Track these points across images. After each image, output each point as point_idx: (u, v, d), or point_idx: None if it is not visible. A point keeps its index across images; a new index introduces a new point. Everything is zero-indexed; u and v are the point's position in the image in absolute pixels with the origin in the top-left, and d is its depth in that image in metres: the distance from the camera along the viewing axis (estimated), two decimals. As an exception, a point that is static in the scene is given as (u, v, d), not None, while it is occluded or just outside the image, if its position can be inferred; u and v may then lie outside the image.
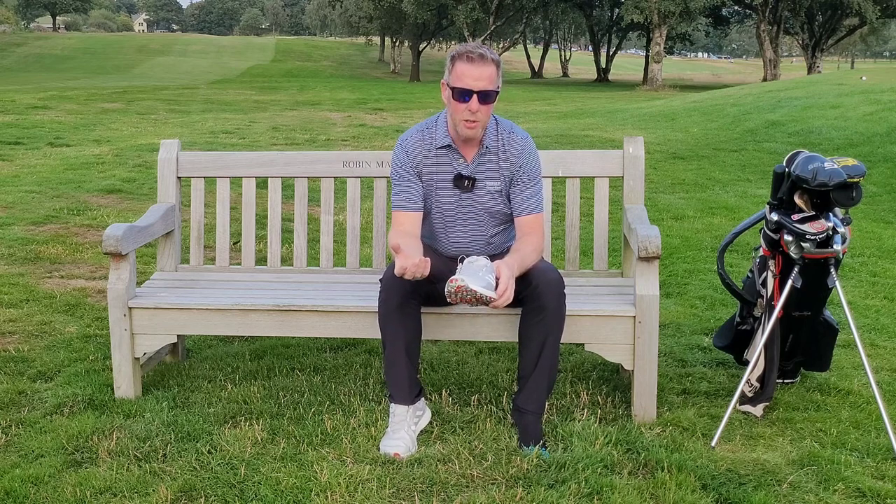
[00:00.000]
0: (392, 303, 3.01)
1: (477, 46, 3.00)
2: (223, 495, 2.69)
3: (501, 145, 3.14)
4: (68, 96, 21.71)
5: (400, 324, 3.02)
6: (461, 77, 2.96)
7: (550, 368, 3.05)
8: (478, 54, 2.96)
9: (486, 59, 2.96)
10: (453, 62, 3.00)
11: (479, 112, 2.99)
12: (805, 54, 44.84)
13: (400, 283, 2.98)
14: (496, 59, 3.01)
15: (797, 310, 3.31)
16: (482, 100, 2.97)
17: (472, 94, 2.95)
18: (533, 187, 3.16)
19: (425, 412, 3.18)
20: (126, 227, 3.41)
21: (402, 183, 3.14)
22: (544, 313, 3.00)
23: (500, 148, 3.14)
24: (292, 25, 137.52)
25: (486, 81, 2.95)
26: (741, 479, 2.80)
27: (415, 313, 3.07)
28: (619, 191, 3.88)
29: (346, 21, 63.72)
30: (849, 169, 3.01)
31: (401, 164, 3.15)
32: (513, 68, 69.47)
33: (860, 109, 13.30)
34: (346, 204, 3.90)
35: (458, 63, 2.97)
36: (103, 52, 64.55)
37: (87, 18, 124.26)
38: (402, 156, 3.15)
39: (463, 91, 2.96)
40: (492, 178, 3.15)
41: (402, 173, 3.14)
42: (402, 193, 3.13)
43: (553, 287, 3.01)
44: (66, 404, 3.37)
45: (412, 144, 3.15)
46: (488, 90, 2.97)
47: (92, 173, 9.21)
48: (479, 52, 2.97)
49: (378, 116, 18.05)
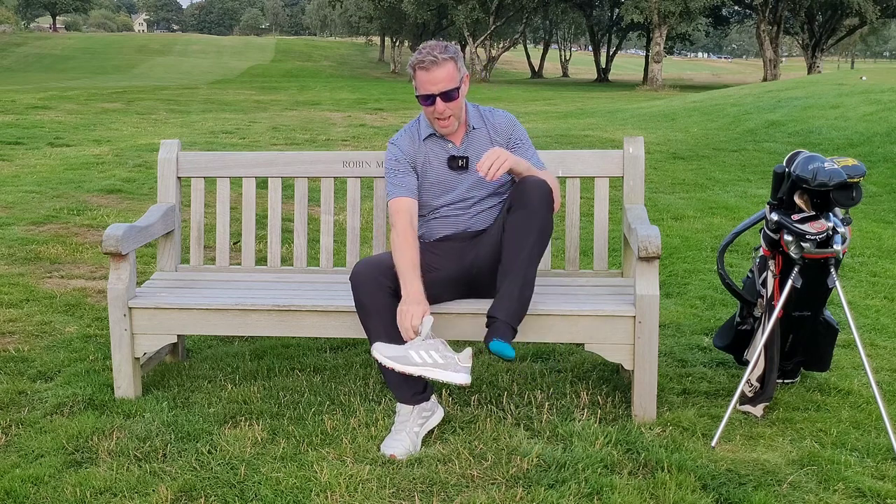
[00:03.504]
0: (362, 300, 3.05)
1: (430, 51, 3.07)
2: (223, 495, 2.69)
3: (487, 122, 3.28)
4: (68, 96, 21.70)
5: (377, 317, 3.03)
6: (421, 85, 3.09)
7: (525, 278, 2.99)
8: (430, 60, 3.03)
9: (439, 62, 3.04)
10: (413, 71, 3.09)
11: (446, 110, 3.11)
12: (805, 54, 44.83)
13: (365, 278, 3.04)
14: (451, 54, 3.08)
15: (797, 310, 3.32)
16: (445, 99, 3.09)
17: (434, 97, 3.08)
18: (530, 149, 3.29)
19: (435, 412, 3.15)
20: (126, 227, 3.41)
21: (398, 174, 3.22)
22: (525, 211, 3.01)
23: (487, 125, 3.27)
24: (292, 25, 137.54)
25: (444, 83, 3.06)
26: (741, 479, 2.80)
27: (388, 305, 3.03)
28: (619, 191, 3.89)
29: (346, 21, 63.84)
30: (849, 169, 3.01)
31: (395, 159, 3.24)
32: (513, 68, 69.50)
33: (860, 109, 13.30)
34: (346, 204, 3.90)
35: (416, 72, 3.08)
36: (103, 52, 64.54)
37: (87, 18, 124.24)
38: (396, 151, 3.26)
39: (426, 97, 3.10)
40: (484, 150, 3.19)
41: (397, 166, 3.23)
42: (398, 182, 3.21)
43: (538, 188, 3.04)
44: (66, 404, 3.37)
45: (402, 141, 3.27)
46: (448, 90, 3.07)
47: (92, 173, 9.21)
48: (431, 57, 3.04)
49: (378, 116, 18.05)
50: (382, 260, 3.12)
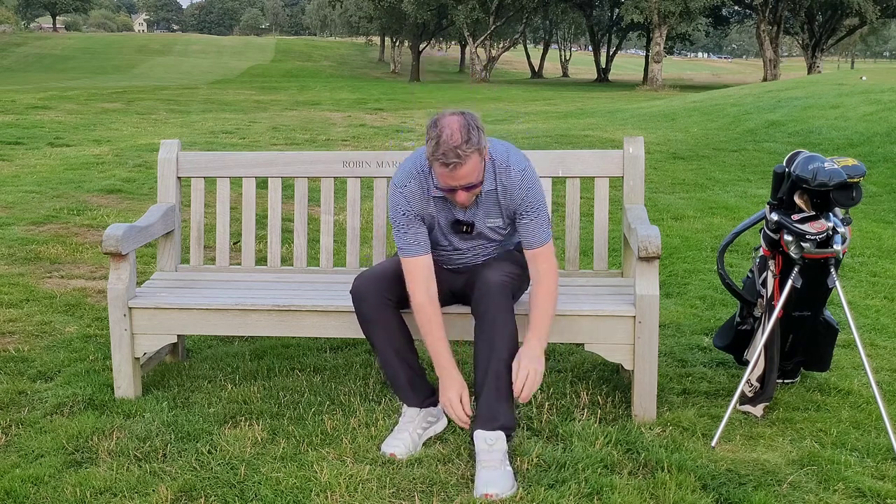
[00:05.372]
0: (366, 313, 3.04)
1: (453, 147, 2.74)
2: (223, 495, 2.69)
3: (500, 183, 2.99)
4: (68, 96, 21.70)
5: (382, 331, 3.04)
6: (441, 177, 2.83)
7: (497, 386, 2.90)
8: (453, 162, 2.74)
9: (462, 161, 2.75)
10: (432, 159, 2.80)
11: (468, 199, 2.91)
12: (805, 54, 44.83)
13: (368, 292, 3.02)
14: (475, 146, 2.77)
15: (797, 310, 3.32)
16: (468, 189, 2.87)
17: (457, 188, 2.86)
18: (538, 218, 3.01)
19: (440, 419, 3.16)
20: (126, 227, 3.41)
21: (409, 230, 2.99)
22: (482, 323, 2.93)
23: (499, 186, 2.99)
24: (292, 25, 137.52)
25: (467, 178, 2.81)
26: (741, 479, 2.80)
27: (392, 317, 3.05)
28: (619, 191, 3.89)
29: (346, 21, 63.82)
30: (849, 169, 3.01)
31: (403, 212, 2.99)
32: (513, 68, 69.50)
33: (860, 109, 13.30)
34: (346, 204, 3.90)
35: (435, 164, 2.81)
36: (103, 52, 64.56)
37: (87, 18, 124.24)
38: (403, 203, 2.99)
39: (447, 187, 2.87)
40: (491, 216, 3.05)
41: (406, 220, 2.99)
42: (410, 239, 2.99)
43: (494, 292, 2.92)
44: (66, 404, 3.37)
45: (412, 192, 2.99)
46: (471, 183, 2.85)
47: (92, 173, 9.21)
48: (455, 158, 2.74)
49: (378, 116, 18.05)
50: (382, 272, 3.09)
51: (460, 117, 2.79)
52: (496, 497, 2.63)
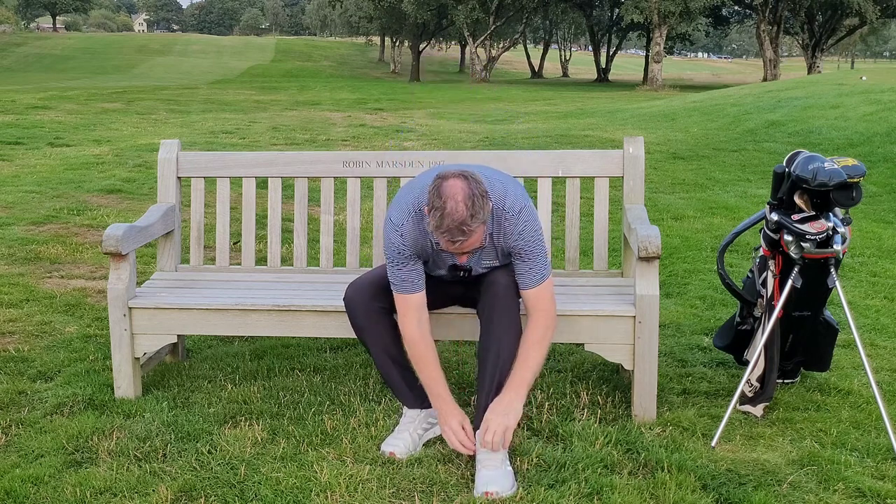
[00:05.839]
0: (359, 323, 3.05)
1: (457, 224, 2.63)
2: (223, 495, 2.69)
3: (496, 225, 2.89)
4: (68, 96, 21.70)
5: (376, 337, 3.04)
6: (445, 245, 2.73)
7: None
8: (459, 239, 2.66)
9: (467, 236, 2.66)
10: (436, 232, 2.69)
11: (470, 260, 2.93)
12: (805, 54, 44.83)
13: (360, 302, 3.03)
14: (481, 219, 2.67)
15: (797, 310, 3.32)
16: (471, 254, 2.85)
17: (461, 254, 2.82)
18: (534, 259, 2.90)
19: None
20: (126, 227, 3.41)
21: (403, 267, 2.91)
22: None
23: (495, 229, 2.90)
24: (292, 25, 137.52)
25: (471, 247, 2.75)
26: (741, 479, 2.80)
27: (385, 324, 3.05)
28: (619, 191, 3.89)
29: (346, 21, 63.83)
30: (849, 169, 3.01)
31: (398, 251, 2.90)
32: (513, 68, 69.50)
33: (860, 109, 13.30)
34: (346, 204, 3.90)
35: (438, 235, 2.70)
36: (103, 52, 64.55)
37: (87, 18, 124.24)
38: (399, 242, 2.89)
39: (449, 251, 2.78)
40: (488, 258, 3.01)
41: (401, 259, 2.91)
42: (404, 276, 2.92)
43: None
44: (66, 404, 3.37)
45: (408, 232, 2.89)
46: (475, 249, 2.80)
47: (92, 173, 9.21)
48: (460, 235, 2.65)
49: (378, 116, 18.05)
50: (372, 280, 3.08)
51: (464, 184, 2.65)
52: (496, 495, 2.64)
